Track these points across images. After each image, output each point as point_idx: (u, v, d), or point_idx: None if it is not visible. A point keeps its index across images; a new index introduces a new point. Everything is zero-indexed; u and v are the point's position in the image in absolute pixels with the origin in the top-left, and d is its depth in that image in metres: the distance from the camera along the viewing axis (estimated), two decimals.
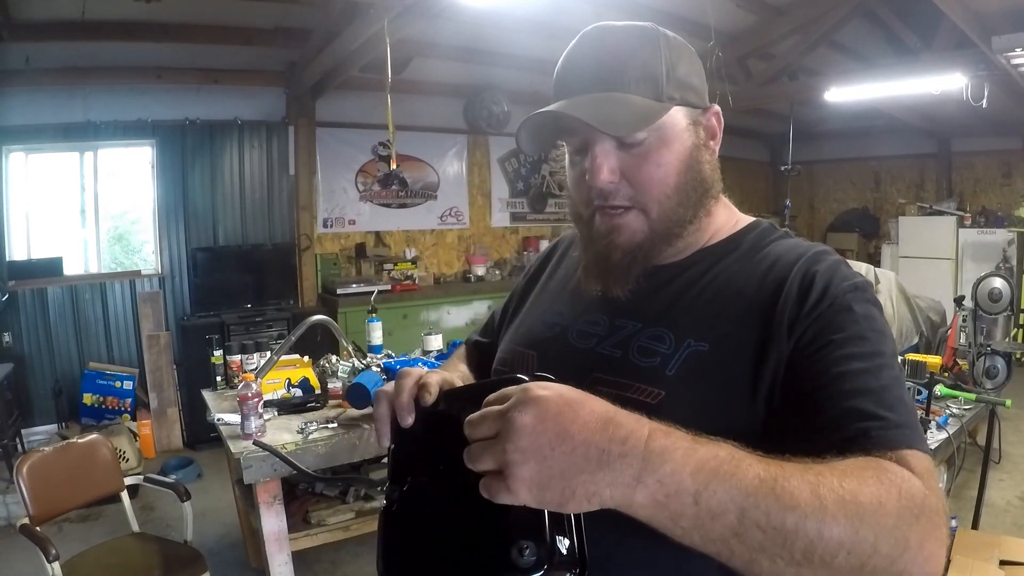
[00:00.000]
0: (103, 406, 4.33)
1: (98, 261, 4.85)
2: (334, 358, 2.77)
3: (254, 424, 2.17)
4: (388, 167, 5.15)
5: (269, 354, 2.63)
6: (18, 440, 3.87)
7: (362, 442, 2.25)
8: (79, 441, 2.44)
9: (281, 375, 2.60)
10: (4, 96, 4.13)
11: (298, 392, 2.55)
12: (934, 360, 2.88)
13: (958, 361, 3.29)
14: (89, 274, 4.74)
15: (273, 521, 2.17)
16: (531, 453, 0.51)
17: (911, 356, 2.83)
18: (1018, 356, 4.24)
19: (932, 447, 2.33)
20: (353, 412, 2.39)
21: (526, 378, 0.58)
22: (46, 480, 2.23)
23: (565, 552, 0.54)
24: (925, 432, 2.33)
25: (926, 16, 4.40)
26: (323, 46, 4.12)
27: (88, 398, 4.32)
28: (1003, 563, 2.26)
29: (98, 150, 4.67)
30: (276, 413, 2.39)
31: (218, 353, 2.86)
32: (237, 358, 2.80)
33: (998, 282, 3.84)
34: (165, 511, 3.48)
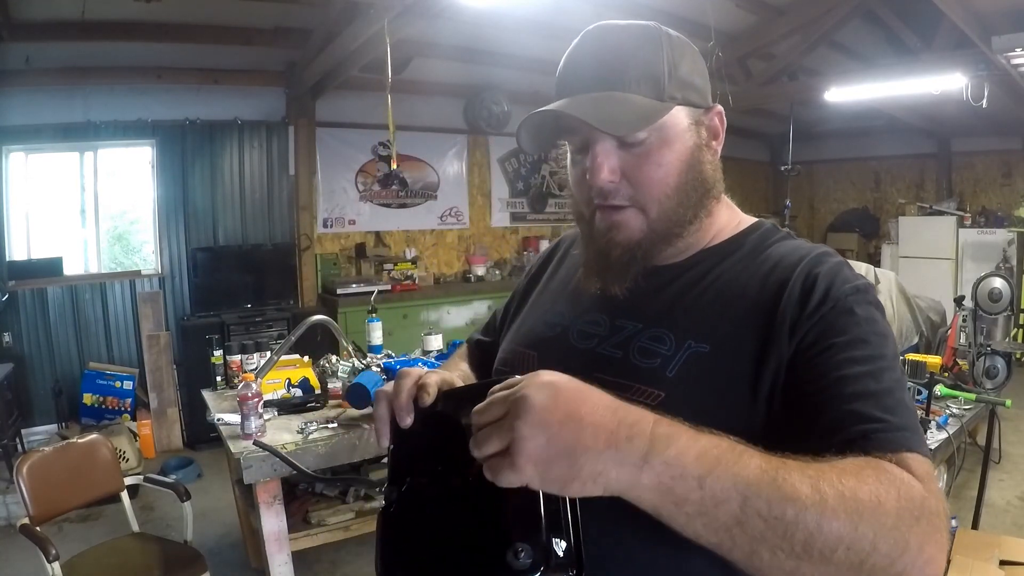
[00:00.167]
0: (103, 406, 4.33)
1: (98, 261, 4.85)
2: (334, 358, 2.77)
3: (254, 424, 2.17)
4: (388, 167, 5.15)
5: (269, 354, 2.63)
6: (18, 440, 3.87)
7: (362, 442, 2.25)
8: (79, 441, 2.43)
9: (281, 375, 2.60)
10: (4, 96, 4.12)
11: (298, 392, 2.55)
12: (934, 360, 2.88)
13: (958, 361, 3.29)
14: (89, 274, 4.74)
15: (273, 521, 2.17)
16: (540, 428, 0.51)
17: (911, 356, 2.83)
18: (1018, 356, 4.23)
19: (932, 447, 2.33)
20: (353, 412, 2.38)
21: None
22: (46, 480, 2.23)
23: (562, 554, 0.54)
24: (925, 432, 2.33)
25: (926, 16, 4.40)
26: (323, 46, 4.12)
27: (88, 398, 4.32)
28: (1003, 563, 2.26)
29: (98, 150, 4.67)
30: (276, 413, 2.39)
31: (218, 353, 2.86)
32: (237, 358, 2.80)
33: (998, 282, 3.84)
34: (165, 511, 3.48)
